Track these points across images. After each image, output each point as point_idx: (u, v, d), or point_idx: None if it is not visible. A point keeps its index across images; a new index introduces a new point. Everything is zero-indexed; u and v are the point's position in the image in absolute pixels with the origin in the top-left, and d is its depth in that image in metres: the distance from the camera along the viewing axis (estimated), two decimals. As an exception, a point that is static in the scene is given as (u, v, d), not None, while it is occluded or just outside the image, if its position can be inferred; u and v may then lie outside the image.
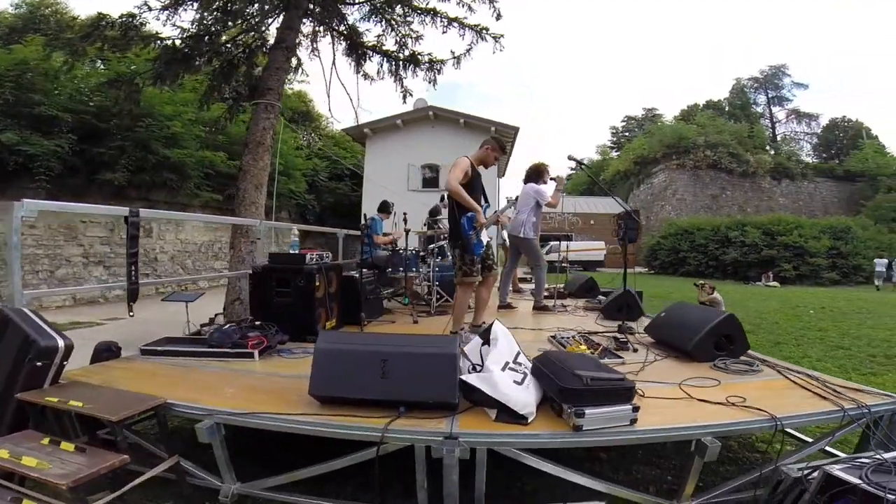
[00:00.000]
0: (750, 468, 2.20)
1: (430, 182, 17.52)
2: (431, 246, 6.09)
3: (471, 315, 3.95)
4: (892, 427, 2.11)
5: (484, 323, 3.63)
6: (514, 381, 1.93)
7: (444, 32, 6.39)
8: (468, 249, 3.43)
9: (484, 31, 6.29)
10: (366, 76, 8.06)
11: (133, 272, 3.09)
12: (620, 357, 3.00)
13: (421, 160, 17.22)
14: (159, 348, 3.04)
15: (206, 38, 6.45)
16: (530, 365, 2.14)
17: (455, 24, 6.31)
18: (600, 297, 6.60)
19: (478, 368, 2.10)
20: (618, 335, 3.50)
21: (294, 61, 6.98)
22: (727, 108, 39.22)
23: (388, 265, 5.89)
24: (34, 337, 2.09)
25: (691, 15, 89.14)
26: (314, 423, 1.87)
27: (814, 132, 40.86)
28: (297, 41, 6.22)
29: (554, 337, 3.50)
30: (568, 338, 3.39)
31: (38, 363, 2.07)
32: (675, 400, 2.24)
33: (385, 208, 6.42)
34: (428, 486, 1.81)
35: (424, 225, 6.58)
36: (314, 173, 18.77)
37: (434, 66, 7.16)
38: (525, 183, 5.28)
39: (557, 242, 22.72)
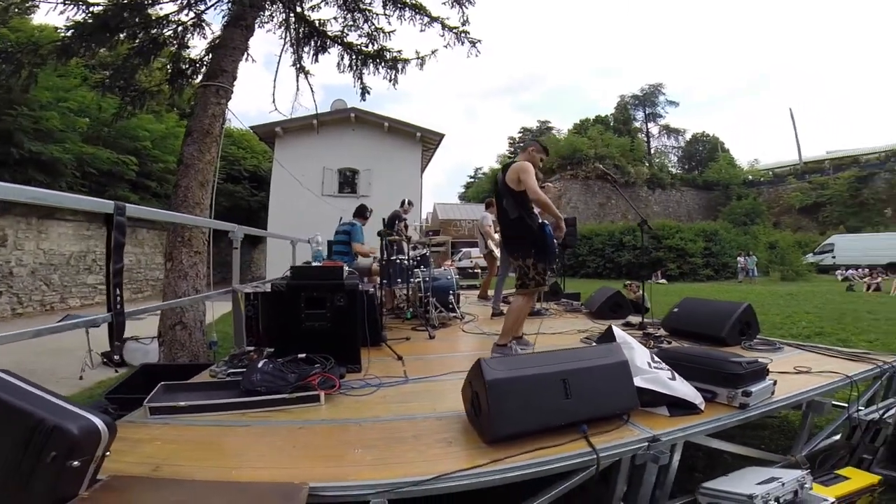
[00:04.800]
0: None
1: (347, 187, 17.11)
2: (414, 254, 6.03)
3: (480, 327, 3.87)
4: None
5: (525, 335, 3.71)
6: (669, 378, 2.14)
7: (422, 31, 6.40)
8: (550, 259, 3.41)
9: (463, 35, 6.39)
10: (302, 69, 7.74)
11: (118, 297, 2.28)
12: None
13: (338, 164, 16.75)
14: (181, 404, 2.25)
15: (130, 11, 5.66)
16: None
17: (436, 23, 6.34)
18: (564, 299, 7.23)
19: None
20: (650, 332, 3.97)
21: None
22: (612, 123, 44.81)
23: (370, 275, 5.68)
24: (48, 419, 1.34)
25: (584, 34, 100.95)
26: (519, 466, 1.67)
27: (680, 146, 48.62)
28: (256, 21, 5.76)
29: (589, 339, 3.82)
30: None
31: (74, 462, 1.34)
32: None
33: (362, 212, 5.99)
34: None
35: (391, 232, 6.44)
36: (208, 174, 17.05)
37: (397, 64, 7.14)
38: None
39: (469, 249, 23.98)
